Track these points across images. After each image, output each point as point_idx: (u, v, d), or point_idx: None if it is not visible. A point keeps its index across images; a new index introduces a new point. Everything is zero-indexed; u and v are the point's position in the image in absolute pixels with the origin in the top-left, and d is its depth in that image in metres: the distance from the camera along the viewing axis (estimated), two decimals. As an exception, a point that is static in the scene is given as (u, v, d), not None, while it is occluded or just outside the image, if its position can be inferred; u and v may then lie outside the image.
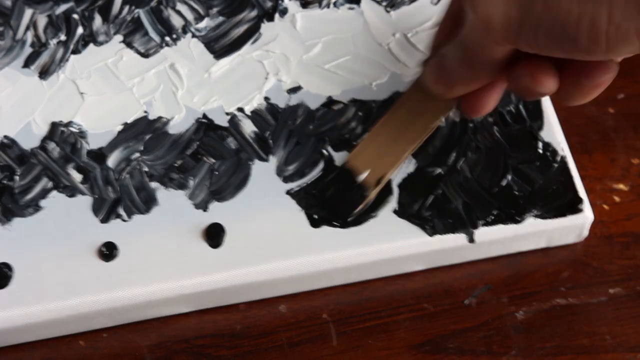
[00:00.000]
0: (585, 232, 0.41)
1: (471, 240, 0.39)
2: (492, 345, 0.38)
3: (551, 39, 0.29)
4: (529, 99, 0.36)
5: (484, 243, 0.40)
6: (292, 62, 0.44)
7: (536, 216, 0.40)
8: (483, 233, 0.39)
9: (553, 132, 0.42)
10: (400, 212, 0.40)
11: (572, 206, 0.40)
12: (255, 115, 0.43)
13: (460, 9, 0.32)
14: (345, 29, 0.45)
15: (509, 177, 0.41)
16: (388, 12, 0.46)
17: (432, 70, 0.35)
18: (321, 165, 0.41)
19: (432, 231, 0.39)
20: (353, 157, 0.40)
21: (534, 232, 0.40)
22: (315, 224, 0.39)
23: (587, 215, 0.40)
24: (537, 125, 0.42)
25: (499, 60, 0.31)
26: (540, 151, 0.41)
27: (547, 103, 0.43)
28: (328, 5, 0.46)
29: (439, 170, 0.41)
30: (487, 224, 0.39)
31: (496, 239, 0.40)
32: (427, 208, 0.40)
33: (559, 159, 0.41)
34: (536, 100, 0.43)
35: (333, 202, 0.39)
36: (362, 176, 0.39)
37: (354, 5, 0.46)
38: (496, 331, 0.39)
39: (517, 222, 0.39)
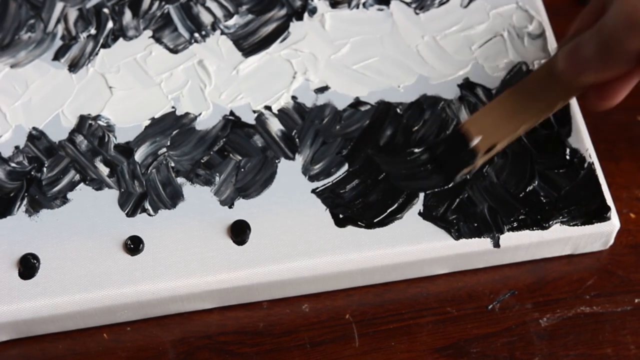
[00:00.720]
0: (611, 240, 0.41)
1: (496, 244, 0.39)
2: (515, 351, 0.38)
3: None
4: None
5: (509, 248, 0.39)
6: (320, 61, 0.44)
7: (562, 222, 0.39)
8: (508, 238, 0.39)
9: (581, 138, 0.42)
10: (425, 215, 0.39)
11: (598, 214, 0.40)
12: (282, 114, 0.43)
13: (605, 5, 0.31)
14: (374, 30, 0.45)
15: (536, 182, 0.40)
16: (417, 14, 0.46)
17: (566, 55, 0.34)
18: (346, 166, 0.41)
19: (457, 235, 0.39)
20: (470, 122, 0.40)
21: (560, 239, 0.40)
22: (340, 223, 0.39)
23: (613, 223, 0.40)
24: (565, 132, 0.42)
25: (636, 54, 0.31)
26: (568, 157, 0.41)
27: (575, 109, 0.43)
28: (357, 6, 0.46)
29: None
30: (512, 229, 0.39)
31: (521, 244, 0.39)
32: (452, 211, 0.40)
33: (586, 165, 0.41)
34: (565, 106, 0.43)
35: (441, 161, 0.40)
36: (474, 142, 0.39)
37: (383, 7, 0.46)
38: (519, 337, 0.38)
39: (543, 228, 0.39)
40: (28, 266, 0.38)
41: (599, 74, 0.33)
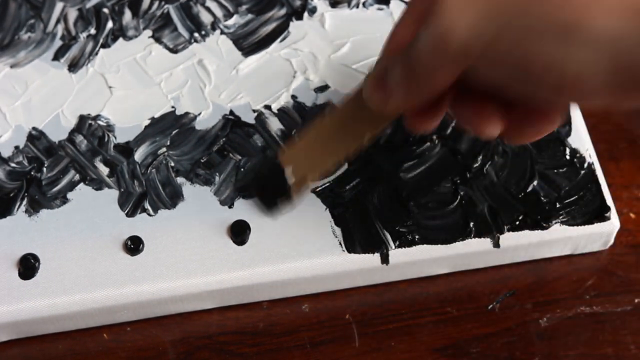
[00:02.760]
0: (611, 240, 0.41)
1: (496, 244, 0.39)
2: (515, 351, 0.38)
3: (514, 73, 0.26)
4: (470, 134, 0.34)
5: (509, 248, 0.39)
6: (320, 61, 0.44)
7: (562, 222, 0.39)
8: (508, 238, 0.39)
9: (581, 138, 0.42)
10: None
11: (598, 214, 0.40)
12: (282, 113, 0.43)
13: (418, 22, 0.28)
14: (373, 29, 0.45)
15: (536, 182, 0.40)
16: (417, 13, 0.46)
17: (371, 81, 0.31)
18: (346, 165, 0.41)
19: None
20: (285, 152, 0.38)
21: (560, 239, 0.40)
22: (340, 223, 0.39)
23: (613, 223, 0.40)
24: (564, 131, 0.42)
25: (443, 85, 0.28)
26: (568, 157, 0.41)
27: (575, 109, 0.43)
28: (357, 5, 0.46)
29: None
30: (512, 229, 0.39)
31: (521, 244, 0.39)
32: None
33: (586, 165, 0.41)
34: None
35: (259, 192, 0.38)
36: (289, 172, 0.37)
37: (383, 6, 0.46)
38: (519, 337, 0.38)
39: (543, 228, 0.39)
40: (28, 266, 0.38)
41: (404, 104, 0.30)
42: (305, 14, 0.46)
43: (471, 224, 0.39)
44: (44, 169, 0.41)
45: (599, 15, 0.24)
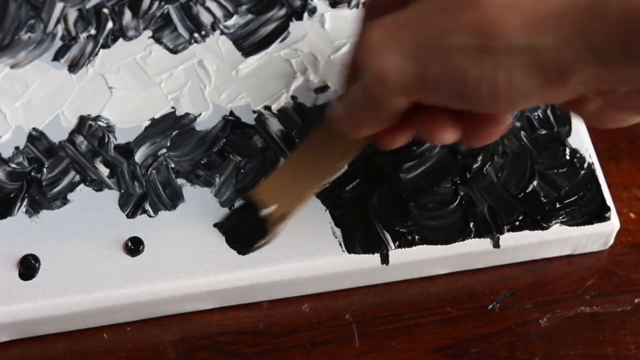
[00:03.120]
0: (611, 240, 0.41)
1: (496, 245, 0.39)
2: (515, 351, 0.38)
3: (452, 95, 0.28)
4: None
5: (509, 248, 0.39)
6: (320, 61, 0.44)
7: (562, 223, 0.39)
8: (508, 238, 0.39)
9: (581, 138, 0.42)
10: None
11: (598, 214, 0.40)
12: (282, 114, 0.43)
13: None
14: (373, 29, 0.45)
15: (535, 182, 0.40)
16: (417, 13, 0.46)
17: (340, 108, 0.33)
18: (346, 166, 0.41)
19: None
20: (259, 191, 0.38)
21: (560, 239, 0.40)
22: (339, 223, 0.39)
23: (613, 223, 0.40)
24: (564, 131, 0.42)
25: (398, 108, 0.30)
26: (568, 157, 0.41)
27: (575, 109, 0.43)
28: (357, 5, 0.46)
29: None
30: (512, 229, 0.39)
31: (521, 244, 0.39)
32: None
33: (586, 165, 0.41)
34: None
35: (237, 232, 0.38)
36: (266, 211, 0.37)
37: (383, 6, 0.46)
38: (519, 337, 0.39)
39: (542, 228, 0.39)
40: (28, 267, 0.38)
41: (371, 128, 0.32)
42: (305, 14, 0.46)
43: (471, 224, 0.39)
44: (44, 170, 0.41)
45: (511, 29, 0.26)
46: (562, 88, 0.27)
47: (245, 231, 0.38)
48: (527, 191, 0.40)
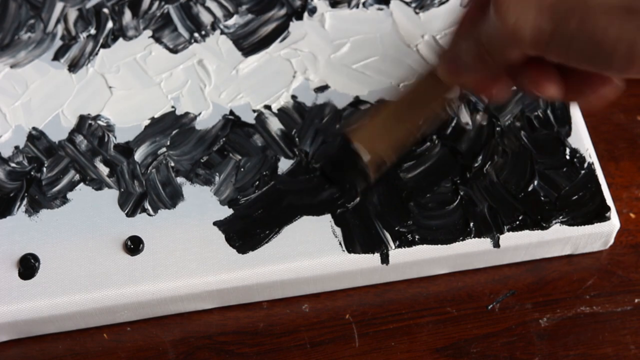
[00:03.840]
0: (611, 240, 0.41)
1: (496, 245, 0.39)
2: (515, 351, 0.38)
3: (583, 55, 0.28)
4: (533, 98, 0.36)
5: (509, 248, 0.39)
6: (320, 61, 0.44)
7: (562, 222, 0.39)
8: (508, 238, 0.39)
9: (581, 138, 0.42)
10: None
11: (598, 214, 0.40)
12: (282, 113, 0.43)
13: (485, 8, 0.31)
14: (373, 29, 0.45)
15: (536, 182, 0.40)
16: (417, 13, 0.46)
17: (446, 60, 0.34)
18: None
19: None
20: (359, 138, 0.38)
21: (560, 239, 0.40)
22: (340, 223, 0.39)
23: (613, 223, 0.40)
24: (564, 131, 0.42)
25: (515, 60, 0.31)
26: (568, 157, 0.41)
27: (575, 109, 0.43)
28: (357, 6, 0.46)
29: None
30: (512, 229, 0.39)
31: (521, 244, 0.39)
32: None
33: (586, 165, 0.41)
34: (564, 106, 0.43)
35: (337, 179, 0.39)
36: (366, 157, 0.37)
37: (383, 6, 0.46)
38: (519, 337, 0.38)
39: (542, 228, 0.39)
40: (28, 266, 0.38)
41: (477, 79, 0.33)
42: (305, 14, 0.46)
43: (471, 224, 0.39)
44: (44, 169, 0.41)
45: None
46: None
47: (345, 179, 0.38)
48: (527, 191, 0.40)
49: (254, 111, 0.43)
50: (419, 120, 0.38)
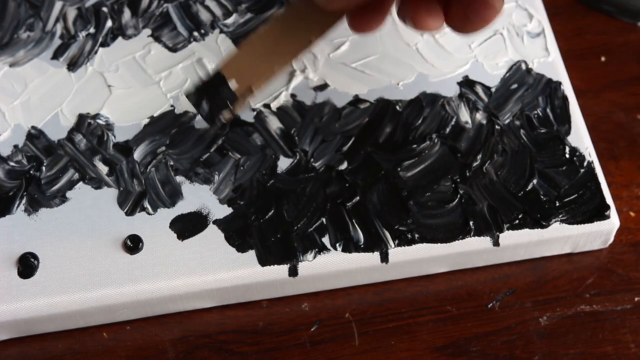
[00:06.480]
0: (611, 239, 0.41)
1: (496, 243, 0.39)
2: (515, 350, 0.38)
3: None
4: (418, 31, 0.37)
5: (509, 247, 0.39)
6: (320, 59, 0.44)
7: (562, 221, 0.39)
8: (508, 237, 0.39)
9: (580, 137, 0.42)
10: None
11: (598, 212, 0.40)
12: (281, 112, 0.43)
13: None
14: (373, 28, 0.45)
15: (535, 181, 0.40)
16: (417, 12, 0.46)
17: None
18: (346, 164, 0.41)
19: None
20: (227, 64, 0.36)
21: (559, 237, 0.40)
22: (338, 222, 0.39)
23: (613, 221, 0.40)
24: (564, 130, 0.42)
25: None
26: (567, 156, 0.41)
27: (574, 108, 0.43)
28: (357, 4, 0.46)
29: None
30: (512, 227, 0.39)
31: (521, 243, 0.39)
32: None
33: (585, 164, 0.41)
34: (564, 104, 0.43)
35: (200, 101, 0.36)
36: (233, 84, 0.36)
37: (383, 5, 0.46)
38: (519, 336, 0.38)
39: (542, 226, 0.39)
40: (27, 265, 0.38)
41: (349, 2, 0.32)
42: (305, 13, 0.46)
43: (471, 223, 0.39)
44: (43, 168, 0.41)
45: None
46: None
47: (213, 101, 0.36)
48: (527, 189, 0.40)
49: (253, 110, 0.43)
50: (295, 49, 0.36)
